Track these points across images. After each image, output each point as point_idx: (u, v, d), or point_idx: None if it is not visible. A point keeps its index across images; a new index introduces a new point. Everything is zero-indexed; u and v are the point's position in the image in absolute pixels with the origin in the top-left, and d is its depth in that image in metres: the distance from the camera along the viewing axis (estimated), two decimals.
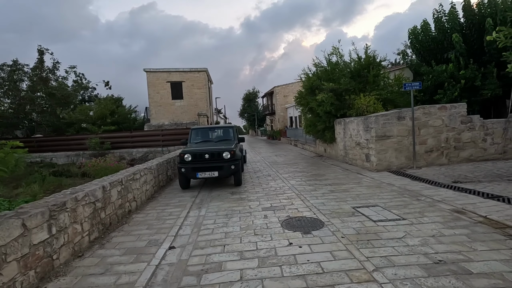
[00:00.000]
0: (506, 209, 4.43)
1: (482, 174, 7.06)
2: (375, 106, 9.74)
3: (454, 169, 7.84)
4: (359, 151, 9.33)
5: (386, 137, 8.31)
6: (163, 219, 5.07)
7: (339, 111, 10.91)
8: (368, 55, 10.83)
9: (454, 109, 8.43)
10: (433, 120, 8.39)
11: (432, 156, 8.46)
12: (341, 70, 11.52)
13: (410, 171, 8.00)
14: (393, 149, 8.36)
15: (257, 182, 8.05)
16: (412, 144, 8.29)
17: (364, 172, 8.40)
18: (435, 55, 12.53)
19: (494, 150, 8.67)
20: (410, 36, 13.85)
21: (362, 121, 8.95)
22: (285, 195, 6.27)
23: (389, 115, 8.32)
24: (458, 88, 10.72)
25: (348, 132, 10.09)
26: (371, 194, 5.88)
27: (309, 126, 12.94)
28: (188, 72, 21.50)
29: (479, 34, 11.26)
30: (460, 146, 8.53)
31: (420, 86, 8.22)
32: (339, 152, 11.17)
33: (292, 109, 29.46)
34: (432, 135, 8.42)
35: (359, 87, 10.73)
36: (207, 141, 8.53)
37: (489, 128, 8.60)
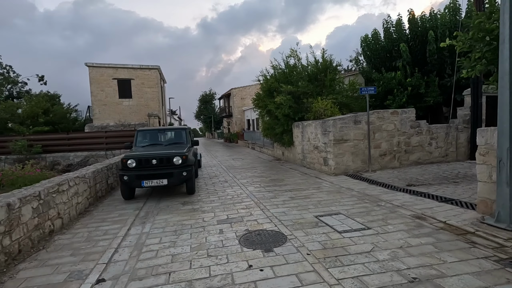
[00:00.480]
0: (461, 213, 4.46)
1: (431, 177, 7.36)
2: (332, 109, 9.77)
3: (406, 172, 8.10)
4: (317, 155, 9.22)
5: (344, 140, 8.29)
6: (94, 240, 4.15)
7: (297, 114, 10.77)
8: (325, 59, 10.91)
9: (405, 114, 8.78)
10: (386, 124, 8.62)
11: (386, 159, 8.69)
12: (299, 73, 11.45)
13: (366, 175, 8.07)
14: (350, 152, 8.37)
15: (212, 189, 7.38)
16: (367, 148, 8.40)
17: (322, 176, 8.27)
18: (385, 63, 13.20)
19: (438, 153, 9.23)
20: (362, 44, 14.44)
21: (320, 125, 8.86)
22: (243, 204, 5.72)
23: (346, 119, 8.33)
24: (405, 95, 11.34)
25: (306, 136, 9.97)
26: (332, 201, 5.63)
27: (267, 129, 12.64)
28: (138, 69, 19.84)
29: (422, 45, 12.10)
30: (410, 149, 8.90)
31: (375, 91, 8.38)
32: (297, 156, 11.02)
33: (249, 112, 29.22)
34: (385, 139, 8.64)
35: (317, 91, 10.72)
36: (155, 144, 7.61)
37: (434, 133, 9.14)
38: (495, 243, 3.38)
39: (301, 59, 11.53)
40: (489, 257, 3.06)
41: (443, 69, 11.70)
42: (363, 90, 8.34)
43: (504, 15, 3.57)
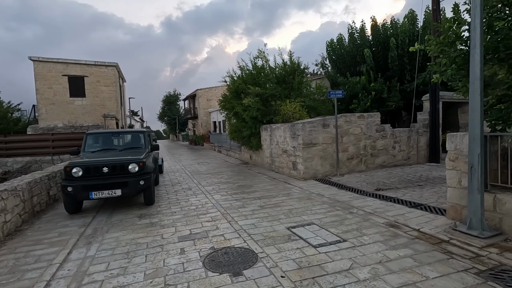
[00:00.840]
0: (432, 219, 4.40)
1: (396, 180, 7.46)
2: (300, 113, 9.61)
3: (372, 176, 8.16)
4: (286, 159, 8.97)
5: (312, 144, 8.13)
6: (21, 271, 3.36)
7: (266, 117, 10.47)
8: (293, 62, 10.76)
9: (370, 118, 8.89)
10: (354, 128, 8.64)
11: (353, 163, 8.70)
12: (267, 75, 11.18)
13: (335, 179, 7.98)
14: (319, 156, 8.24)
15: (174, 198, 6.72)
16: (336, 152, 8.34)
17: (291, 181, 8.01)
18: (349, 68, 13.49)
19: (401, 157, 9.50)
20: (328, 49, 14.65)
21: (289, 128, 8.62)
22: (209, 216, 5.19)
23: (315, 123, 8.18)
24: (369, 99, 11.62)
25: (275, 139, 9.69)
26: (303, 209, 5.34)
27: (234, 132, 12.18)
28: (93, 66, 18.17)
29: (384, 52, 12.55)
30: (375, 153, 9.03)
31: (343, 95, 8.36)
32: (266, 160, 10.71)
33: (216, 114, 28.50)
34: (352, 142, 8.65)
35: (285, 93, 10.52)
36: (108, 149, 6.75)
37: (397, 137, 9.39)
38: (471, 252, 3.28)
39: (269, 61, 11.30)
40: (468, 270, 2.92)
41: (403, 75, 12.22)
42: (331, 93, 8.27)
43: (475, 20, 3.53)
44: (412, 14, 12.29)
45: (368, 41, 12.96)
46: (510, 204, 3.57)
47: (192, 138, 32.58)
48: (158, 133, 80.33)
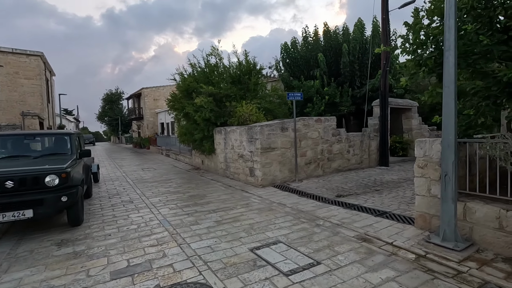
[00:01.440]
0: (401, 230, 4.18)
1: (354, 185, 7.37)
2: (257, 115, 9.09)
3: (330, 181, 7.99)
4: (243, 164, 8.33)
5: (271, 149, 7.64)
6: None
7: (219, 118, 9.70)
8: (249, 61, 10.22)
9: (327, 122, 8.77)
10: (311, 132, 8.41)
11: (311, 168, 8.45)
12: (221, 74, 10.44)
13: (294, 185, 7.60)
14: (277, 162, 7.78)
15: (110, 215, 5.55)
16: (294, 156, 7.98)
17: (249, 189, 7.39)
18: (303, 71, 13.50)
19: (355, 161, 9.60)
20: (282, 52, 14.51)
21: (246, 131, 8.01)
22: (154, 238, 4.26)
23: (273, 126, 7.71)
24: (323, 103, 11.68)
25: (230, 143, 8.98)
26: (266, 222, 4.74)
27: (185, 135, 11.14)
28: (9, 54, 15.18)
29: (336, 58, 12.83)
30: (332, 157, 8.94)
31: (302, 97, 8.06)
32: (220, 165, 9.92)
33: (164, 115, 26.62)
34: (310, 147, 8.41)
35: (240, 94, 9.90)
36: (20, 156, 5.28)
37: (351, 141, 9.47)
38: (451, 269, 3.03)
39: (223, 59, 10.57)
40: None
41: (354, 81, 12.61)
42: (290, 95, 7.90)
43: (450, 20, 3.35)
44: (360, 23, 12.80)
45: (321, 46, 13.13)
46: (481, 213, 3.46)
47: (137, 140, 29.96)
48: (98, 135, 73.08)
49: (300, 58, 13.55)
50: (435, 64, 3.76)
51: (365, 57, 12.32)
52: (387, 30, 9.69)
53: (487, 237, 3.42)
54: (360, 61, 12.28)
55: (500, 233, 3.30)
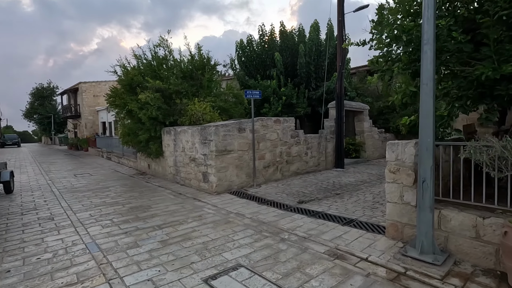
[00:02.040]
0: (373, 241, 3.82)
1: (314, 189, 7.04)
2: (211, 114, 8.28)
3: (289, 185, 7.57)
4: (195, 169, 7.45)
5: (227, 151, 6.92)
6: None
7: (168, 117, 8.66)
8: (202, 55, 9.35)
9: (286, 123, 8.36)
10: (270, 133, 7.90)
11: (269, 171, 7.94)
12: (171, 68, 9.39)
13: (252, 191, 6.98)
14: (234, 165, 7.08)
15: (17, 240, 4.24)
16: (252, 160, 7.38)
17: (202, 197, 6.56)
18: (259, 70, 13.05)
19: (312, 163, 9.39)
20: (237, 49, 13.89)
21: (199, 132, 7.16)
22: (73, 273, 3.21)
23: (229, 126, 7.00)
24: (280, 104, 11.34)
25: (181, 145, 8.01)
26: (223, 239, 4.01)
27: (128, 135, 9.77)
28: None
29: (292, 58, 12.64)
30: (290, 160, 8.56)
31: (260, 96, 7.50)
32: (169, 170, 8.84)
33: (105, 113, 23.97)
34: (269, 149, 7.90)
35: (192, 91, 8.99)
36: None
37: (309, 143, 9.23)
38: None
39: (173, 51, 9.52)
40: None
41: (310, 82, 12.55)
42: (248, 93, 7.29)
43: (428, 11, 3.04)
44: (316, 25, 12.82)
45: (278, 46, 12.83)
46: (456, 221, 3.22)
47: (73, 141, 26.52)
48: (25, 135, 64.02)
49: (257, 57, 13.08)
50: (410, 60, 3.46)
51: (320, 59, 12.35)
52: (343, 31, 9.71)
53: (463, 247, 3.19)
54: (316, 62, 12.26)
55: (477, 243, 3.08)
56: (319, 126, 11.58)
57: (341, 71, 9.86)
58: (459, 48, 3.32)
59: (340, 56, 9.88)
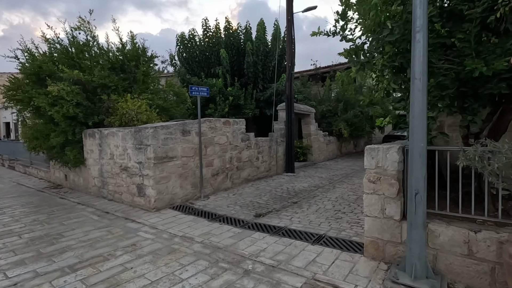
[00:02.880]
0: (353, 264, 3.25)
1: (269, 198, 6.38)
2: (148, 114, 6.96)
3: (242, 194, 6.77)
4: (128, 180, 6.06)
5: (169, 158, 5.76)
6: None
7: (92, 117, 7.01)
8: (136, 45, 7.89)
9: (236, 125, 7.55)
10: (219, 136, 6.99)
11: (218, 180, 7.01)
12: (95, 57, 7.69)
13: (200, 204, 5.97)
14: (177, 175, 5.95)
15: None
16: (199, 167, 6.35)
17: (137, 216, 5.28)
18: (203, 68, 12.00)
19: (263, 168, 8.76)
20: (178, 44, 12.60)
21: (133, 135, 5.83)
22: None
23: (172, 128, 5.86)
24: (227, 104, 10.49)
25: (108, 151, 6.50)
26: (167, 282, 2.97)
27: (36, 138, 7.68)
28: None
29: (239, 57, 11.94)
30: (241, 166, 7.77)
31: (208, 93, 6.53)
32: (92, 181, 7.16)
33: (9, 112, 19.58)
34: (218, 154, 6.97)
35: (124, 86, 7.49)
36: None
37: (260, 146, 8.58)
38: None
39: (98, 37, 7.82)
40: None
41: (257, 83, 12.01)
42: (194, 90, 6.25)
43: None
44: (263, 24, 12.37)
45: (223, 42, 11.98)
46: (445, 237, 2.84)
47: None
48: None
49: (200, 53, 12.00)
50: (395, 52, 3.00)
51: (268, 60, 11.93)
52: (292, 31, 9.38)
53: (454, 266, 2.81)
54: (263, 63, 11.79)
55: (469, 261, 2.73)
56: (267, 129, 11.09)
57: (291, 72, 9.52)
58: (441, 43, 2.99)
59: (289, 56, 9.54)
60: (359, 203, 5.69)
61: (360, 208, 5.33)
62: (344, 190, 7.01)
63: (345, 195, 6.58)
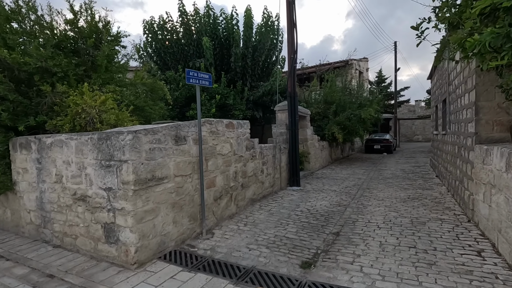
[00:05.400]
0: None
1: (296, 228, 4.62)
2: (118, 113, 4.75)
3: (255, 223, 4.89)
4: (87, 217, 3.81)
5: (157, 180, 3.68)
6: None
7: (25, 118, 4.60)
8: (95, 18, 5.59)
9: (241, 129, 5.66)
10: (222, 144, 5.04)
11: (222, 204, 5.04)
12: (30, 32, 5.25)
13: (204, 246, 3.97)
14: (169, 205, 3.88)
15: None
16: (198, 190, 4.35)
17: (108, 282, 3.12)
18: (179, 61, 9.86)
19: (268, 183, 6.96)
20: (145, 31, 10.30)
21: (96, 144, 3.64)
22: None
23: (160, 133, 3.79)
24: (214, 104, 8.52)
25: (53, 170, 4.15)
26: None
27: None
28: None
29: (223, 49, 10.03)
30: (246, 182, 5.88)
31: (211, 82, 4.57)
32: (27, 216, 4.66)
33: None
34: (221, 169, 5.01)
35: (77, 73, 5.16)
36: None
37: (265, 156, 6.78)
38: None
39: (36, 3, 5.37)
40: None
41: (245, 80, 10.21)
42: (192, 77, 4.24)
43: None
44: (249, 12, 10.66)
45: (204, 30, 9.97)
46: None
47: None
48: None
49: (176, 43, 9.85)
50: None
51: (257, 53, 10.21)
52: (293, 15, 7.79)
53: None
54: (252, 56, 10.04)
55: None
56: (255, 134, 9.37)
57: (293, 65, 7.92)
58: None
59: (291, 45, 7.94)
60: (425, 231, 4.19)
61: (444, 240, 3.83)
62: (380, 210, 5.52)
63: (390, 216, 5.07)
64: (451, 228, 4.38)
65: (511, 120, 4.28)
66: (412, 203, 5.94)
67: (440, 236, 4.06)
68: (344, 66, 17.57)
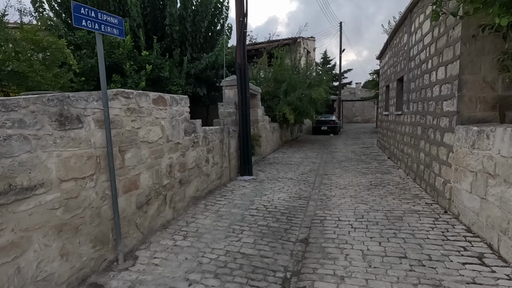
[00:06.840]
0: None
1: (253, 237, 3.53)
2: None
3: (198, 234, 3.64)
4: None
5: (21, 192, 2.11)
6: None
7: None
8: None
9: (176, 106, 4.19)
10: (147, 128, 3.54)
11: (151, 212, 3.62)
12: None
13: (116, 285, 2.57)
14: (51, 229, 2.35)
15: None
16: (107, 197, 2.87)
17: None
18: None
19: (215, 175, 5.68)
20: None
21: None
22: None
23: (24, 109, 2.17)
24: (144, 76, 6.72)
25: None
26: None
27: None
28: None
29: (154, 9, 8.06)
30: (186, 177, 4.51)
31: (123, 32, 2.97)
32: None
33: None
34: (147, 163, 3.54)
35: None
36: None
37: (210, 141, 5.43)
38: None
39: None
40: None
41: (184, 50, 8.48)
42: (89, 18, 2.60)
43: None
44: None
45: None
46: None
47: None
48: None
49: None
50: None
51: (198, 18, 8.51)
52: None
53: None
54: (193, 21, 8.31)
55: None
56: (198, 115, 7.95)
57: (243, 30, 6.58)
58: None
59: (239, 6, 6.54)
60: (406, 230, 3.48)
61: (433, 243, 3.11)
62: (347, 202, 4.76)
63: (360, 210, 4.32)
64: (432, 223, 3.76)
65: (496, 97, 3.72)
66: (378, 191, 5.34)
67: (426, 237, 3.37)
68: (294, 43, 16.76)
